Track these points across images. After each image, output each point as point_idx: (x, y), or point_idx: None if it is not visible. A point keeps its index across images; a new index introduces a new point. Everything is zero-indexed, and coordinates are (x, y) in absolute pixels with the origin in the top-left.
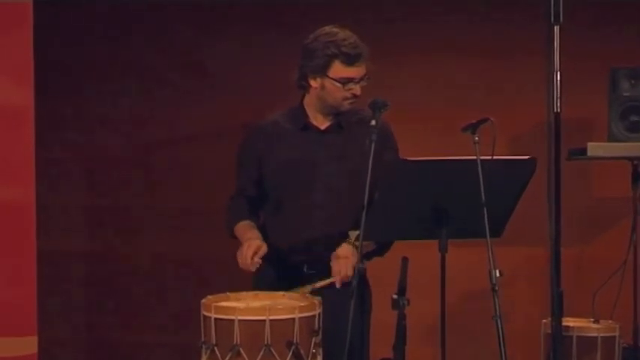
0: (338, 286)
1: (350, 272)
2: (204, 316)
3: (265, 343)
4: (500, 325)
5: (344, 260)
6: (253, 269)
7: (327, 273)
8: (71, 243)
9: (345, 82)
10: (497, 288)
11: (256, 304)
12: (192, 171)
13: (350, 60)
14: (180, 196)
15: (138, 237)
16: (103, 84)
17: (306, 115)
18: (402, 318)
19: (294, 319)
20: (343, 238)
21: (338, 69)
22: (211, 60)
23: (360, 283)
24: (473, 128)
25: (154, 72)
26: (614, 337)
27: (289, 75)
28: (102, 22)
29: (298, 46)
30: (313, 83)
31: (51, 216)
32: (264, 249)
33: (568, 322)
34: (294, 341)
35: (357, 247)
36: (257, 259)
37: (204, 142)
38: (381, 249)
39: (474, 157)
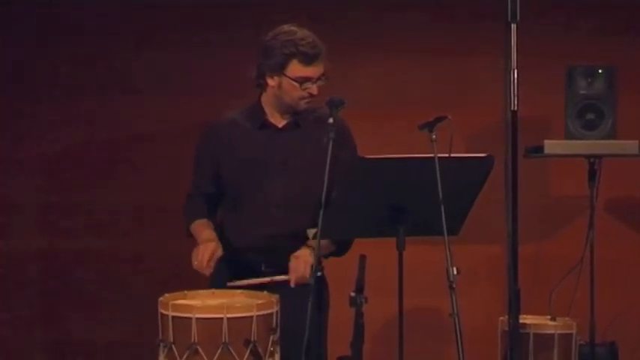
0: (292, 284)
1: (307, 274)
2: (162, 315)
3: (223, 341)
4: (457, 323)
5: (303, 262)
6: (207, 273)
7: (285, 271)
8: (25, 242)
9: (303, 81)
10: (454, 286)
11: (214, 302)
12: (148, 169)
13: (308, 59)
14: (135, 194)
15: (93, 235)
16: (58, 82)
17: (263, 114)
18: (359, 316)
19: (251, 317)
20: (301, 236)
21: (296, 68)
22: (165, 59)
23: (317, 281)
24: (430, 126)
25: (109, 71)
26: (571, 334)
27: (247, 73)
28: (57, 21)
29: (255, 45)
30: (270, 82)
31: (4, 214)
32: (219, 252)
33: (525, 319)
34: (252, 339)
35: (314, 248)
36: (212, 265)
37: (160, 141)
38: (340, 250)
39: (432, 155)
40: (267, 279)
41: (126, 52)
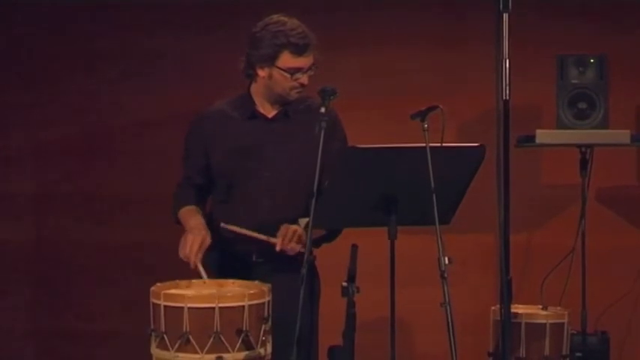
0: (277, 249)
1: (294, 244)
2: (154, 304)
3: (215, 330)
4: (449, 312)
5: (292, 230)
6: (192, 266)
7: (276, 261)
8: (18, 231)
9: (294, 71)
10: (446, 275)
11: (205, 291)
12: (142, 158)
13: (298, 50)
14: (128, 183)
15: (85, 225)
16: (51, 71)
17: (253, 103)
18: (351, 305)
19: (243, 306)
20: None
21: (286, 59)
22: (162, 47)
23: (308, 271)
24: (422, 115)
25: (103, 59)
26: (563, 323)
27: (237, 63)
28: (50, 11)
29: (247, 35)
30: (261, 72)
31: None
32: (208, 241)
33: (517, 308)
34: (244, 329)
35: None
36: (200, 255)
37: (153, 130)
38: (330, 235)
39: (424, 145)
40: (262, 236)
41: (120, 41)
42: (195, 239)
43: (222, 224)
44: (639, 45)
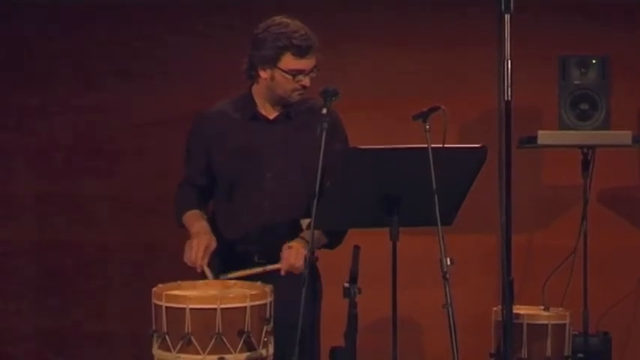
0: (283, 273)
1: (299, 264)
2: (156, 305)
3: (217, 331)
4: (450, 313)
5: (295, 252)
6: (199, 270)
7: (278, 261)
8: (18, 231)
9: (296, 73)
10: (448, 276)
11: (207, 292)
12: (142, 158)
13: (301, 52)
14: (131, 184)
15: (86, 225)
16: (51, 71)
17: (254, 105)
18: (353, 306)
19: (245, 307)
20: (294, 227)
21: (288, 61)
22: (162, 47)
23: (310, 272)
24: (424, 116)
25: (108, 60)
26: (565, 324)
27: (239, 64)
28: (53, 8)
29: (248, 36)
30: (263, 74)
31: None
32: (213, 245)
33: (519, 309)
34: (246, 329)
35: (308, 240)
36: (206, 260)
37: (154, 130)
38: (332, 243)
39: (425, 146)
40: (259, 269)
41: (119, 42)
42: (200, 243)
43: (220, 276)
44: None
